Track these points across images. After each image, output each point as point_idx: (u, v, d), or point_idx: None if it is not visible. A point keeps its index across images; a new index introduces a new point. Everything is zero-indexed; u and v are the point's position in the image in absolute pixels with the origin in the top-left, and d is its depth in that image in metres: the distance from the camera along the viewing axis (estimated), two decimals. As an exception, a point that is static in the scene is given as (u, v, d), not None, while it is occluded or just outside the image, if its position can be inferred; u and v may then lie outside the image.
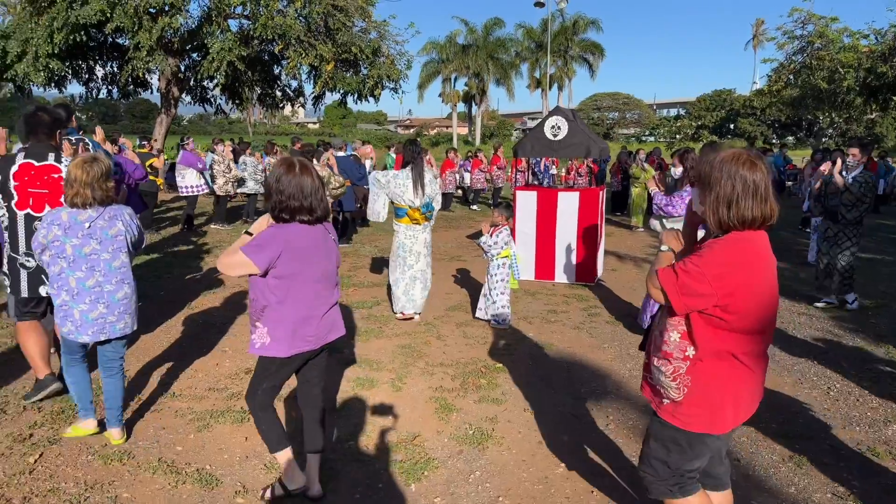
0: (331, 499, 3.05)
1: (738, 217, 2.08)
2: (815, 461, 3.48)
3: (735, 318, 2.08)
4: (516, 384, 4.55)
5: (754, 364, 2.17)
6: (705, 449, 2.26)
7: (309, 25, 13.84)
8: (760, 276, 2.10)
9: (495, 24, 41.51)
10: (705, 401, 2.17)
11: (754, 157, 2.11)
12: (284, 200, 2.74)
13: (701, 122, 51.75)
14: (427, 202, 5.88)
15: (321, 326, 2.90)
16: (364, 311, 6.29)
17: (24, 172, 3.85)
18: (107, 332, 3.36)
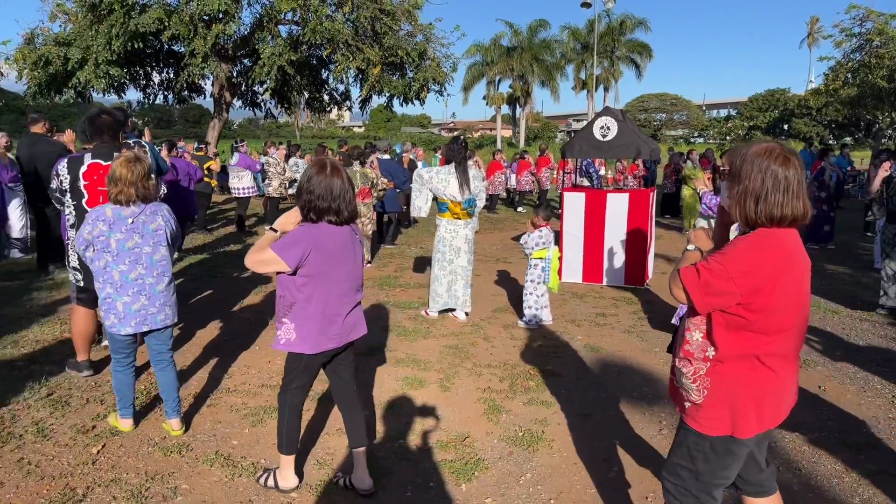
0: (382, 496, 3.07)
1: (765, 213, 2.01)
2: (880, 472, 3.33)
3: (758, 318, 2.01)
4: (566, 387, 4.49)
5: (778, 366, 2.08)
6: (732, 457, 2.17)
7: (356, 29, 14.02)
8: (787, 275, 2.01)
9: (540, 25, 41.24)
10: (726, 403, 2.10)
11: (787, 153, 2.04)
12: (314, 200, 2.81)
13: (753, 122, 50.27)
14: (470, 198, 5.92)
15: (345, 325, 2.96)
16: (411, 312, 6.32)
17: (93, 172, 4.08)
18: (148, 323, 3.48)
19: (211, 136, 15.74)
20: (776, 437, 3.73)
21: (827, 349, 5.36)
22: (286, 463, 3.08)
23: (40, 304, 6.25)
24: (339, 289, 2.89)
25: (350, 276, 2.93)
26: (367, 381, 4.51)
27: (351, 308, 2.98)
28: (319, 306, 2.85)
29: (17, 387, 4.22)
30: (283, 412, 3.02)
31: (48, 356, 4.81)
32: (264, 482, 3.12)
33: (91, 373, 4.42)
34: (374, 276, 7.95)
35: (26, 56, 13.11)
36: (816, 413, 4.09)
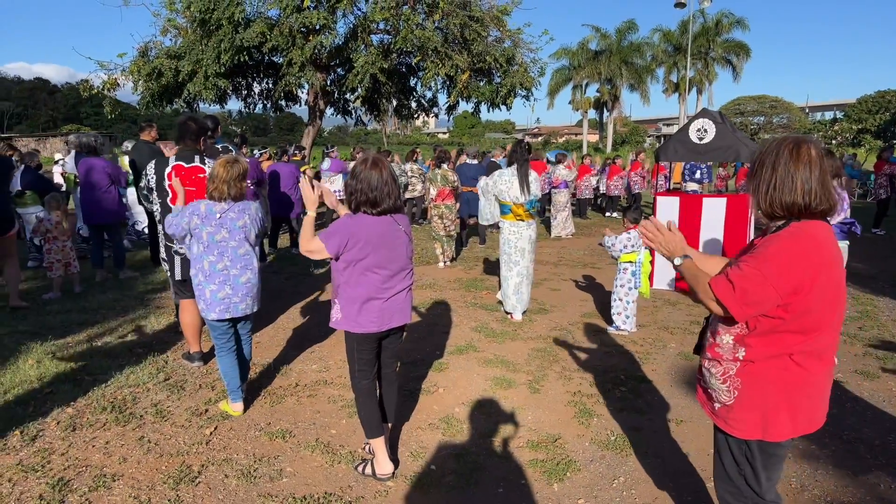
0: (474, 492, 3.13)
1: (779, 201, 2.00)
2: None
3: (793, 317, 1.96)
4: (658, 394, 4.40)
5: (812, 366, 2.01)
6: (774, 459, 2.13)
7: (446, 37, 14.22)
8: (822, 270, 1.94)
9: (629, 28, 40.32)
10: (756, 404, 2.06)
11: (802, 142, 2.02)
12: (354, 192, 3.04)
13: (862, 125, 46.95)
14: (532, 199, 6.02)
15: (385, 310, 3.10)
16: (498, 314, 6.36)
17: (176, 173, 4.51)
18: (231, 312, 3.79)
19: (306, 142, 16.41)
20: (888, 442, 3.51)
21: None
22: (376, 447, 3.24)
23: (157, 295, 6.75)
24: (376, 275, 3.05)
25: (390, 263, 3.07)
26: (456, 380, 4.59)
27: (392, 294, 3.12)
28: (360, 290, 3.06)
29: (136, 371, 4.59)
30: (357, 397, 3.25)
31: (164, 344, 5.19)
32: (362, 471, 3.27)
33: (202, 364, 4.76)
34: (462, 278, 8.05)
35: (141, 68, 14.14)
36: None
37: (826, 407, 2.12)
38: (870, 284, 7.79)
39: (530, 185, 6.01)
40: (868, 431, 3.81)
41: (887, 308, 6.73)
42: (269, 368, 4.76)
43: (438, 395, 4.33)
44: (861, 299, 7.08)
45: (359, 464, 3.33)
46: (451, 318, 6.22)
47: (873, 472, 3.32)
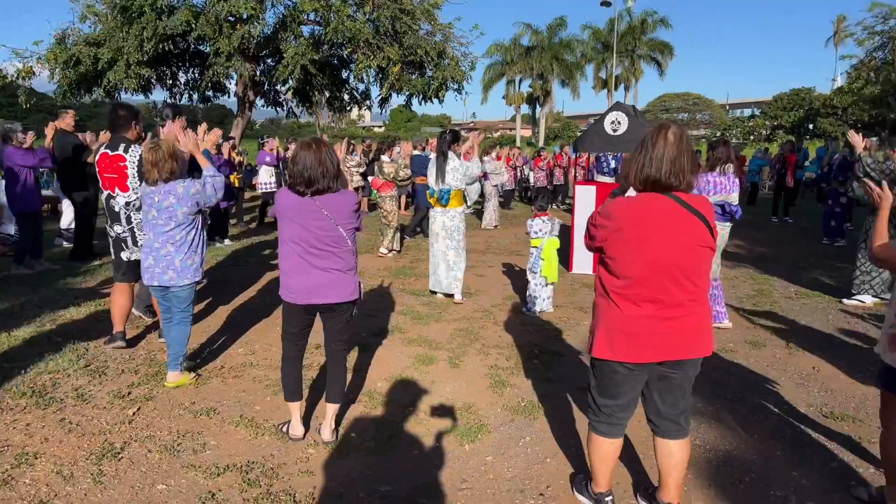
0: (392, 454, 3.34)
1: (644, 176, 2.44)
2: (861, 441, 3.54)
3: (608, 259, 2.52)
4: (569, 365, 4.73)
5: (628, 308, 2.48)
6: (609, 378, 2.60)
7: (377, 29, 14.32)
8: (628, 228, 2.42)
9: (559, 25, 41.28)
10: (593, 328, 2.65)
11: (665, 127, 2.47)
12: (290, 172, 3.28)
13: (777, 122, 49.73)
14: (444, 189, 6.31)
15: (304, 285, 3.29)
16: (425, 299, 6.59)
17: (101, 161, 4.83)
18: (156, 279, 4.09)
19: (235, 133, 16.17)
20: (770, 407, 3.94)
21: (823, 335, 5.52)
22: (291, 410, 3.49)
23: (77, 287, 6.64)
24: (292, 250, 3.28)
25: (304, 241, 3.24)
26: (380, 358, 4.79)
27: (311, 271, 3.28)
28: (283, 261, 3.33)
29: (56, 358, 4.57)
30: (282, 363, 3.50)
31: (84, 333, 5.16)
32: (285, 429, 3.54)
33: (124, 343, 4.81)
34: (391, 266, 8.24)
35: (57, 56, 13.58)
36: (807, 390, 4.29)
37: (657, 347, 2.46)
38: (769, 266, 8.45)
39: (446, 176, 6.30)
40: (749, 393, 4.25)
41: (781, 287, 7.35)
42: (195, 352, 4.81)
43: (362, 372, 4.51)
44: (759, 279, 7.69)
45: (282, 423, 3.59)
46: (379, 303, 6.40)
47: (750, 427, 3.73)
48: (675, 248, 2.40)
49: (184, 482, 3.04)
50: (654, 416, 2.69)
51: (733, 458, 3.35)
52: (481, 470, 3.19)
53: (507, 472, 3.18)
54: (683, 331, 2.48)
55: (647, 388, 2.65)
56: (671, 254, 2.40)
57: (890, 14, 20.97)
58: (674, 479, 2.70)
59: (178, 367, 4.18)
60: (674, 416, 2.65)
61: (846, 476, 3.17)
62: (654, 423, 2.71)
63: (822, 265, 8.52)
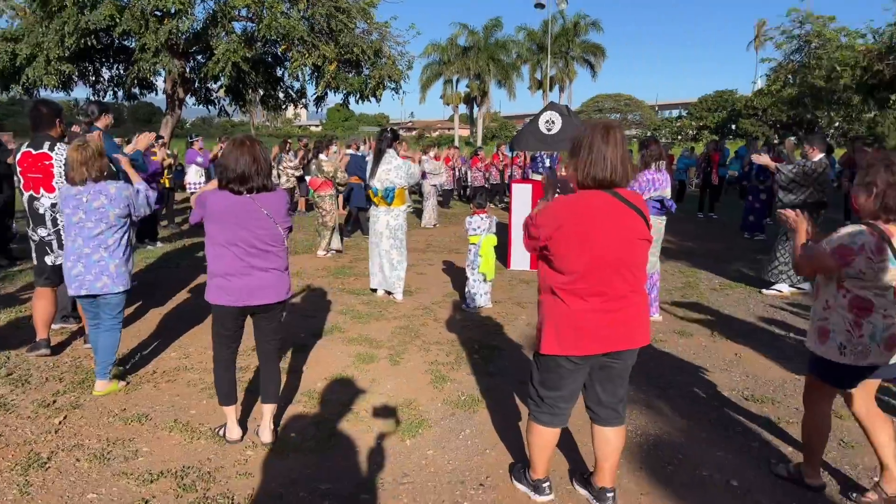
0: (330, 453, 3.33)
1: (593, 176, 2.50)
2: (778, 421, 3.77)
3: (552, 258, 2.56)
4: (508, 359, 4.82)
5: (574, 303, 2.53)
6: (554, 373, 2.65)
7: (312, 26, 14.12)
8: (571, 226, 2.48)
9: (495, 25, 41.71)
10: (540, 325, 2.67)
11: (611, 127, 2.54)
12: (222, 172, 3.18)
13: (702, 122, 51.93)
14: (388, 188, 6.28)
15: (243, 287, 3.21)
16: (365, 298, 6.57)
17: (24, 160, 4.54)
18: (86, 288, 3.88)
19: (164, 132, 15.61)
20: (697, 392, 4.13)
21: (745, 324, 5.83)
22: (227, 414, 3.42)
23: (-6, 295, 6.29)
24: (228, 251, 3.18)
25: (241, 241, 3.17)
26: (320, 358, 4.75)
27: (251, 272, 3.22)
28: (216, 264, 3.21)
29: (-26, 369, 4.32)
30: (215, 367, 3.39)
31: (4, 341, 4.90)
32: (222, 433, 3.46)
33: (48, 351, 4.58)
34: (330, 266, 8.17)
35: (-29, 52, 12.81)
36: (729, 375, 4.52)
37: (602, 339, 2.55)
38: (696, 260, 8.83)
39: (383, 173, 6.27)
40: (678, 379, 4.44)
41: (706, 279, 7.69)
42: (124, 358, 4.65)
43: (301, 373, 4.47)
44: (686, 272, 8.03)
45: (219, 427, 3.51)
46: (318, 304, 6.34)
47: (678, 412, 3.90)
48: (618, 242, 2.50)
49: (115, 490, 2.95)
50: (595, 405, 2.77)
51: (663, 441, 3.50)
52: (422, 464, 3.23)
53: (447, 464, 3.22)
54: (626, 322, 2.59)
55: (589, 379, 2.72)
56: (614, 248, 2.49)
57: (806, 19, 22.10)
58: (609, 465, 2.80)
59: (107, 375, 4.02)
60: (613, 404, 2.75)
61: (766, 454, 3.37)
62: (593, 412, 2.79)
63: (744, 258, 8.97)
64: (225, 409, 3.41)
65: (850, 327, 2.71)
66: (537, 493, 2.91)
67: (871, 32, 20.73)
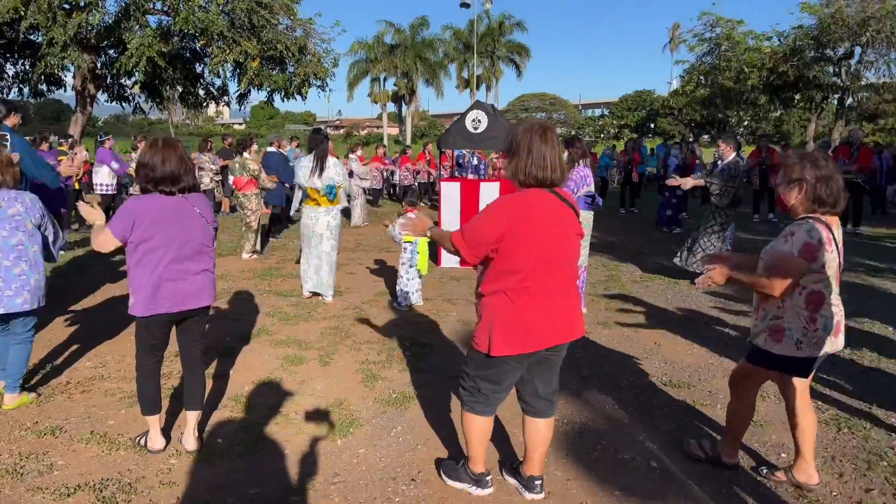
0: (259, 457, 3.27)
1: (533, 176, 2.56)
2: (694, 404, 3.98)
3: (502, 259, 2.56)
4: (439, 356, 4.86)
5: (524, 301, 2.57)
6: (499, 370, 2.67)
7: (232, 21, 13.73)
8: (521, 224, 2.52)
9: (422, 24, 41.80)
10: (485, 328, 2.63)
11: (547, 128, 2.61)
12: (148, 173, 3.04)
13: (623, 121, 53.85)
14: (330, 185, 6.19)
15: (179, 292, 3.11)
16: (293, 299, 6.46)
17: None
18: (4, 306, 3.53)
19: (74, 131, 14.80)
20: (620, 380, 4.30)
21: (663, 313, 6.11)
22: (150, 424, 3.28)
23: None
24: (168, 255, 3.05)
25: (179, 243, 3.08)
26: (247, 362, 4.65)
27: (186, 275, 3.13)
28: (149, 271, 3.03)
29: None
30: (137, 376, 3.23)
31: None
32: (144, 443, 3.33)
33: None
34: (256, 268, 7.98)
35: None
36: (650, 362, 4.73)
37: (548, 334, 2.61)
38: (618, 253, 9.17)
39: (326, 170, 6.16)
40: (604, 368, 4.61)
41: (628, 272, 8.00)
42: (34, 368, 4.39)
43: (227, 377, 4.36)
44: (609, 265, 8.33)
45: (139, 437, 3.38)
46: (245, 307, 6.19)
47: (602, 400, 4.05)
48: (559, 238, 2.58)
49: (27, 508, 2.79)
50: (532, 397, 2.82)
51: (588, 429, 3.63)
52: (353, 463, 3.22)
53: (379, 462, 3.23)
54: (568, 315, 2.67)
55: (528, 373, 2.76)
56: (557, 244, 2.58)
57: (716, 22, 23.27)
58: (539, 454, 2.88)
59: (17, 389, 3.78)
60: (549, 395, 2.83)
61: (682, 436, 3.55)
62: (529, 404, 2.84)
63: (662, 251, 9.37)
64: (148, 419, 3.27)
65: (806, 323, 2.75)
66: (480, 486, 2.91)
67: (777, 35, 22.10)
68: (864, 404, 3.95)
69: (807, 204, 2.76)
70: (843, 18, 19.48)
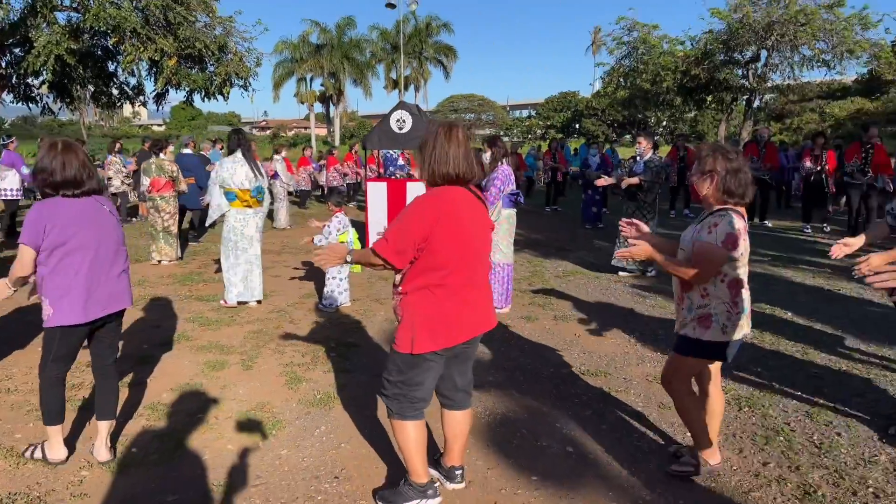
0: (176, 464, 3.20)
1: (439, 173, 2.61)
2: (610, 391, 4.16)
3: (426, 257, 2.56)
4: (365, 355, 4.88)
5: (446, 297, 2.60)
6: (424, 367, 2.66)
7: (147, 18, 13.24)
8: (443, 222, 2.55)
9: (348, 24, 41.47)
10: (407, 326, 2.63)
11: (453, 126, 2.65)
12: (47, 177, 2.93)
13: (550, 122, 55.11)
14: (258, 186, 6.08)
15: (100, 295, 3.03)
16: (215, 304, 6.31)
17: None
18: None
19: (-24, 133, 13.90)
20: (541, 371, 4.44)
21: (584, 306, 6.33)
22: (52, 434, 3.14)
23: None
24: (87, 258, 2.97)
25: (98, 244, 3.00)
26: (165, 369, 4.52)
27: (106, 278, 3.05)
28: (70, 276, 2.93)
29: None
30: (43, 385, 3.08)
31: None
32: (31, 454, 3.18)
33: None
34: (177, 273, 7.74)
35: None
36: (570, 353, 4.90)
37: (468, 326, 2.67)
38: (543, 250, 9.42)
39: (254, 171, 6.03)
40: (526, 360, 4.75)
41: (552, 267, 8.24)
42: (-70, 386, 4.14)
43: (144, 386, 4.23)
44: (534, 262, 8.55)
45: (26, 448, 3.25)
46: (164, 313, 6.00)
47: (524, 390, 4.18)
48: (477, 232, 2.66)
49: (-78, 531, 2.64)
50: (451, 391, 2.86)
51: (509, 419, 3.74)
52: (276, 464, 3.20)
53: (301, 462, 3.22)
54: (485, 307, 2.75)
55: (446, 368, 2.79)
56: (476, 238, 2.65)
57: (633, 27, 24.20)
58: (459, 445, 2.95)
59: None
60: (466, 387, 2.90)
61: (598, 421, 3.71)
62: (448, 398, 2.88)
63: (585, 247, 9.70)
64: (50, 430, 3.12)
65: (730, 308, 2.85)
66: (429, 497, 2.79)
67: (689, 39, 23.20)
68: (763, 384, 4.24)
69: (717, 195, 2.87)
70: (749, 23, 20.67)
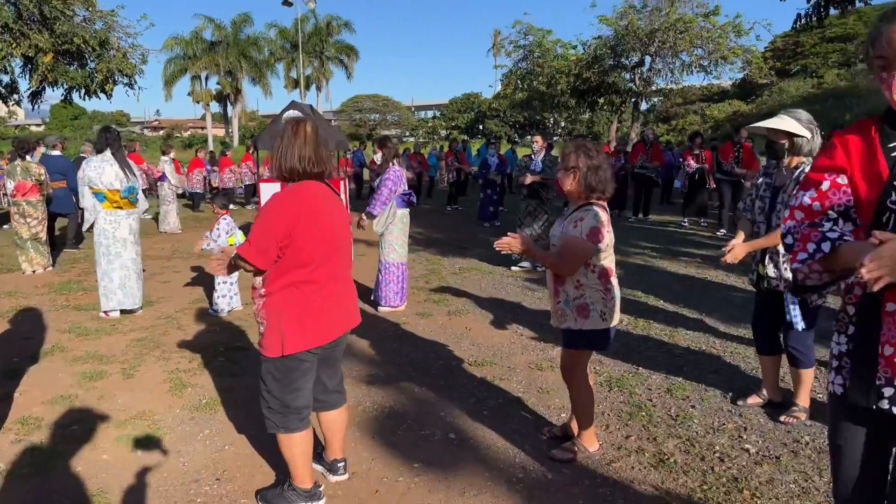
0: (47, 477, 3.07)
1: (286, 167, 2.62)
2: (495, 379, 4.36)
3: (291, 254, 2.54)
4: (254, 359, 4.79)
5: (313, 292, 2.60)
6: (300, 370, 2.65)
7: (20, 12, 12.38)
8: (305, 217, 2.53)
9: (244, 21, 40.24)
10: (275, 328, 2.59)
11: (301, 122, 2.68)
12: None
13: (454, 122, 55.86)
14: (131, 186, 5.86)
15: None
16: (94, 313, 6.01)
17: None
18: None
19: None
20: (430, 364, 4.57)
21: (477, 301, 6.55)
22: None
23: None
24: None
25: None
26: (37, 382, 4.29)
27: None
28: None
29: None
30: None
31: None
32: None
33: None
34: (53, 282, 7.30)
35: None
36: (460, 346, 5.07)
37: (336, 322, 2.72)
38: (442, 248, 9.61)
39: (125, 170, 5.78)
40: (417, 355, 4.87)
41: (449, 264, 8.43)
42: None
43: (11, 400, 3.99)
44: (432, 260, 8.71)
45: None
46: (36, 324, 5.66)
47: (412, 383, 4.29)
48: (339, 227, 2.69)
49: None
50: (323, 394, 2.87)
51: (396, 412, 3.84)
52: (155, 470, 3.13)
53: (182, 466, 3.18)
54: (351, 303, 2.80)
55: (315, 372, 2.78)
56: (338, 233, 2.68)
57: (529, 31, 25.02)
58: (338, 439, 3.00)
59: None
60: (337, 387, 2.95)
61: (480, 408, 3.88)
62: (322, 401, 2.88)
63: (482, 244, 9.97)
64: None
65: (604, 295, 2.99)
66: (314, 500, 2.79)
67: (581, 44, 24.29)
68: (632, 366, 4.58)
69: (580, 190, 3.04)
70: (634, 31, 21.93)
